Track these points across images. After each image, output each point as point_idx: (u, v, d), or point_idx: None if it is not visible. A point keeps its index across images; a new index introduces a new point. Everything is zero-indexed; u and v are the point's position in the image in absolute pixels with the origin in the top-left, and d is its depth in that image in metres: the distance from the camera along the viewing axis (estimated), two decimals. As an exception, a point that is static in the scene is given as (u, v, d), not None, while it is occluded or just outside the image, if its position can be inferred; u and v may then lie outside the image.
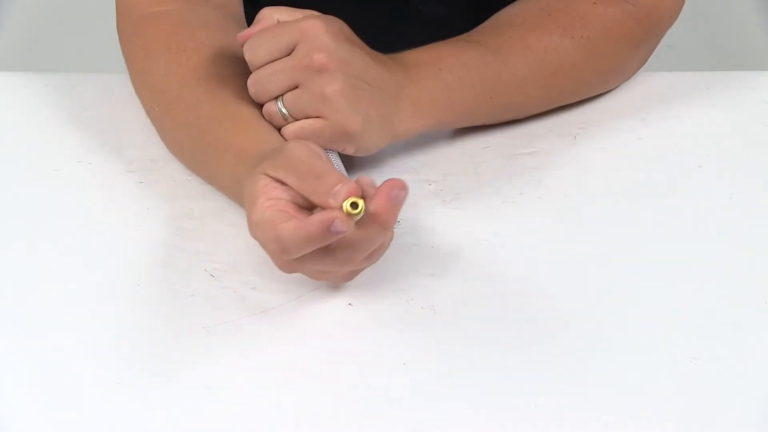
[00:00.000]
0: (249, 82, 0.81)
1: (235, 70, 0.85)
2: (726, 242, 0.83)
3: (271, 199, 0.72)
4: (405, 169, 0.89)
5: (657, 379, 0.73)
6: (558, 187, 0.87)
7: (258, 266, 0.80)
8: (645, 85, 0.97)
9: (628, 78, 0.97)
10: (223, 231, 0.83)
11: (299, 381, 0.72)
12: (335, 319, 0.76)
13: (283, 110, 0.80)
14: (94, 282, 0.79)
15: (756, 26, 2.04)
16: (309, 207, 0.73)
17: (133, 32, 0.89)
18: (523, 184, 0.87)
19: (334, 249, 0.72)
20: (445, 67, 0.86)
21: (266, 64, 0.80)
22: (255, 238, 0.73)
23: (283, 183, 0.73)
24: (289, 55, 0.80)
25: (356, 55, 0.81)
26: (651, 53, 0.97)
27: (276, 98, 0.81)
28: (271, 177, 0.73)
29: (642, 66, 0.97)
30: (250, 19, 0.94)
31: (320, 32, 0.79)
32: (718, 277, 0.80)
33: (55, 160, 0.89)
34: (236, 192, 0.81)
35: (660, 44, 0.98)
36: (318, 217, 0.70)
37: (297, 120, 0.81)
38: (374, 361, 0.74)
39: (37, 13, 2.05)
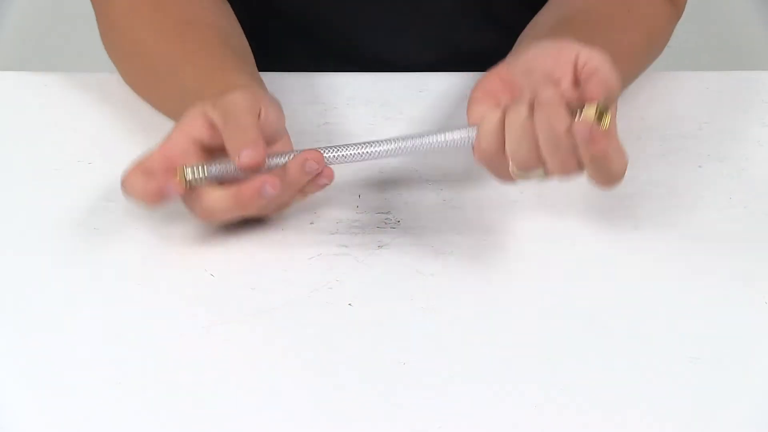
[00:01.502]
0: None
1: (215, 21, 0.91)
2: (726, 242, 0.83)
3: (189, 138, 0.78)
4: (406, 169, 0.89)
5: (657, 379, 0.73)
6: (558, 187, 0.87)
7: (258, 266, 0.80)
8: (645, 85, 0.97)
9: None
10: (223, 231, 0.83)
11: (299, 381, 0.72)
12: (335, 319, 0.76)
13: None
14: (93, 282, 0.79)
15: (756, 26, 2.04)
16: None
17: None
18: (523, 184, 0.87)
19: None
20: None
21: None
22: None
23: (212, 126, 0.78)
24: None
25: None
26: None
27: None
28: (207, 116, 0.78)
29: None
30: (242, 16, 0.94)
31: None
32: (718, 277, 0.80)
33: (55, 160, 0.89)
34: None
35: (660, 44, 0.98)
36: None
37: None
38: (374, 361, 0.74)
39: (37, 13, 2.05)
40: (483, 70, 0.91)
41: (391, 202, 0.86)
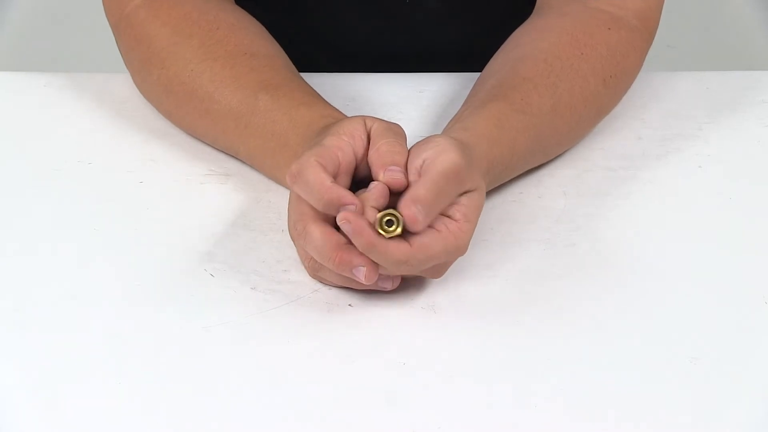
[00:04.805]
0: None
1: (274, 49, 0.89)
2: (726, 242, 0.83)
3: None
4: (405, 169, 0.89)
5: (657, 379, 0.73)
6: (558, 186, 0.87)
7: (258, 266, 0.80)
8: (645, 85, 0.97)
9: None
10: (223, 231, 0.83)
11: (299, 381, 0.72)
12: (335, 319, 0.76)
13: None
14: (93, 282, 0.79)
15: (756, 26, 2.04)
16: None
17: (146, 16, 0.90)
18: (523, 184, 0.87)
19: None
20: (497, 167, 0.83)
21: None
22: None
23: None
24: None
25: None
26: None
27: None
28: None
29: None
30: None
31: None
32: (718, 277, 0.80)
33: (55, 160, 0.89)
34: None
35: (660, 44, 0.97)
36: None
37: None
38: (374, 361, 0.74)
39: (37, 13, 2.05)
40: (478, 70, 0.91)
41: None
